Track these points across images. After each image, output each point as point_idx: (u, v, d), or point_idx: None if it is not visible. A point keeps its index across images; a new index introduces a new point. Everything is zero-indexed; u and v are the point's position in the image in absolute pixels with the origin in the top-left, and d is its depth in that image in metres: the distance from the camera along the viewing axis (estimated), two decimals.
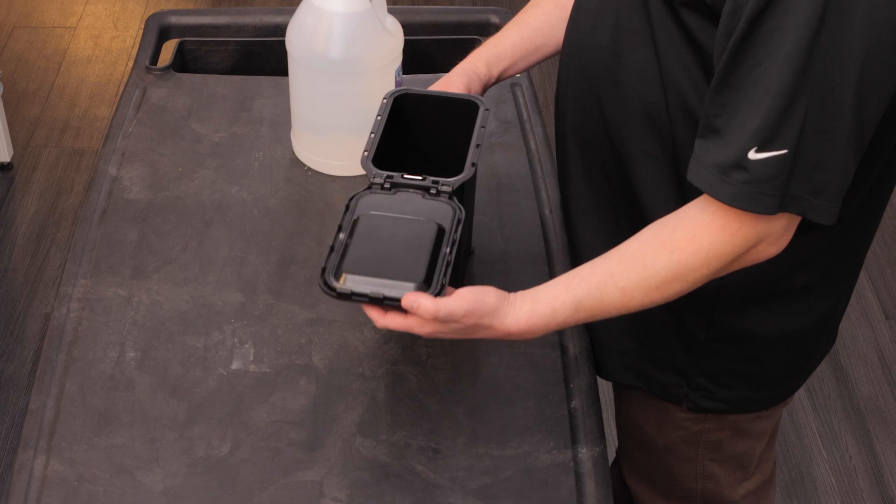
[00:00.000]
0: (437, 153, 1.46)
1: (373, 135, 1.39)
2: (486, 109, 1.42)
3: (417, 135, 1.47)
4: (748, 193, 1.14)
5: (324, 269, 1.23)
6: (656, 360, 1.47)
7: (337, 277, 1.22)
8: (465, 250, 1.49)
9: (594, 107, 1.36)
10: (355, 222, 1.28)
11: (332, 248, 1.25)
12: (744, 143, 1.12)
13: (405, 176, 1.34)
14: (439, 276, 1.23)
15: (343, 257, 1.24)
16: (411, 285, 1.21)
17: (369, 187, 1.34)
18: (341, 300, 1.22)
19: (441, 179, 1.34)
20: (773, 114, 1.11)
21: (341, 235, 1.27)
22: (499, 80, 1.52)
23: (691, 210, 1.20)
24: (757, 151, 1.12)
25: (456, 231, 1.28)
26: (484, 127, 1.40)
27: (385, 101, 1.43)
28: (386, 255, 1.24)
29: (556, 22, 1.50)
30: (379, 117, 1.41)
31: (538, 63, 1.54)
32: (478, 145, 1.38)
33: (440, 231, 1.28)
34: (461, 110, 1.43)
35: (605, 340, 1.50)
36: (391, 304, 1.20)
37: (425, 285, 1.21)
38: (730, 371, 1.44)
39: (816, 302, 1.40)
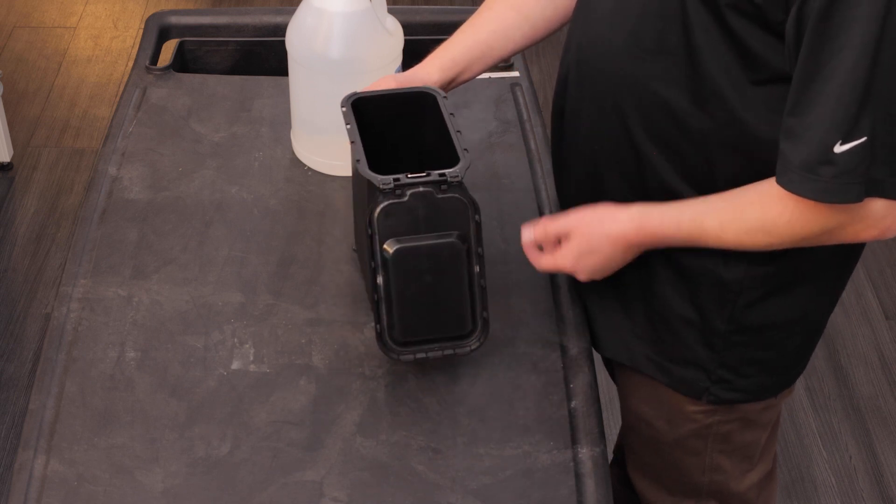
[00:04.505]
0: (412, 149, 1.46)
1: (353, 142, 1.38)
2: (445, 97, 1.42)
3: (378, 135, 1.46)
4: (837, 186, 1.18)
5: (380, 333, 1.36)
6: (676, 357, 1.48)
7: (394, 340, 1.36)
8: None
9: (613, 112, 1.36)
10: (385, 258, 1.34)
11: (377, 301, 1.35)
12: (827, 137, 1.16)
13: (409, 175, 1.33)
14: (480, 311, 1.37)
15: (391, 317, 1.35)
16: (462, 332, 1.38)
17: (378, 195, 1.33)
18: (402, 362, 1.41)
19: (448, 172, 1.33)
20: (852, 105, 1.14)
21: (379, 280, 1.34)
22: (452, 84, 1.52)
23: None
24: (842, 144, 1.16)
25: (478, 241, 1.36)
26: (453, 114, 1.41)
27: (344, 108, 1.42)
28: (429, 303, 1.36)
29: (511, 25, 1.51)
30: (349, 126, 1.40)
31: (493, 66, 1.54)
32: (458, 131, 1.38)
33: (468, 248, 1.36)
34: (421, 104, 1.44)
35: (625, 329, 1.51)
36: (449, 355, 1.38)
37: (473, 327, 1.38)
38: (750, 360, 1.46)
39: (826, 281, 1.44)
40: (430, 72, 1.49)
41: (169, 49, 2.01)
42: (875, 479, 2.47)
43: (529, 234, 1.40)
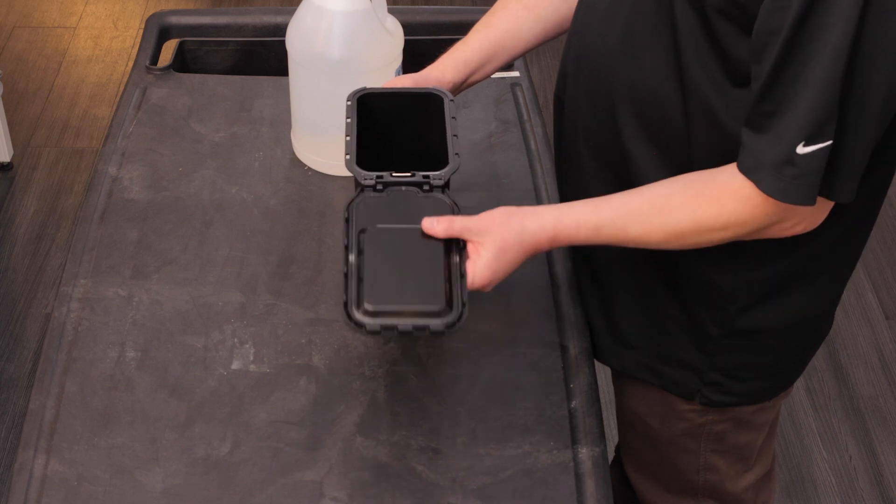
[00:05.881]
0: (404, 149, 1.46)
1: (349, 138, 1.38)
2: (452, 100, 1.42)
3: (383, 132, 1.47)
4: (797, 188, 1.18)
5: (346, 303, 1.25)
6: (669, 358, 1.48)
7: (360, 310, 1.24)
8: None
9: (606, 108, 1.36)
10: (360, 239, 1.29)
11: (346, 275, 1.26)
12: (793, 138, 1.16)
13: (394, 174, 1.34)
14: (460, 296, 1.25)
15: (360, 289, 1.25)
16: (436, 309, 1.23)
17: (361, 190, 1.34)
18: (371, 335, 1.26)
19: (431, 174, 1.34)
20: (821, 108, 1.14)
21: (351, 258, 1.28)
22: (466, 84, 1.52)
23: (723, 174, 1.24)
24: (805, 145, 1.16)
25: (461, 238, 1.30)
26: (455, 118, 1.41)
27: (349, 102, 1.43)
28: (402, 279, 1.26)
29: (523, 24, 1.51)
30: (349, 120, 1.40)
31: (505, 65, 1.54)
32: (454, 135, 1.38)
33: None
34: (427, 104, 1.43)
35: (617, 335, 1.51)
36: (420, 333, 1.23)
37: (448, 307, 1.24)
38: (743, 364, 1.46)
39: (822, 289, 1.43)
40: (443, 71, 1.49)
41: (169, 49, 2.01)
42: (875, 479, 2.47)
43: (430, 225, 1.28)
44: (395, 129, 1.47)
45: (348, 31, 1.62)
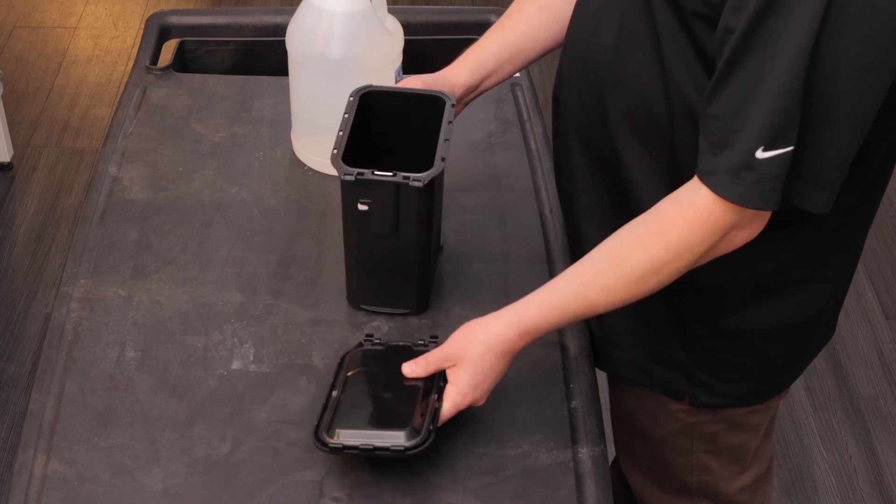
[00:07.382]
0: (409, 150, 1.46)
1: (341, 132, 1.39)
2: (452, 105, 1.42)
3: (387, 132, 1.47)
4: (758, 193, 1.17)
5: (317, 427, 1.28)
6: (658, 358, 1.48)
7: (330, 433, 1.27)
8: (434, 247, 1.49)
9: (596, 105, 1.37)
10: (346, 379, 1.34)
11: (324, 406, 1.31)
12: (752, 142, 1.15)
13: (376, 172, 1.35)
14: (427, 423, 1.27)
15: (335, 413, 1.30)
16: (401, 434, 1.26)
17: (360, 343, 1.39)
18: (334, 454, 1.28)
19: (412, 175, 1.35)
20: (778, 112, 1.13)
21: (334, 393, 1.32)
22: (483, 86, 1.51)
23: (664, 205, 1.24)
24: (764, 150, 1.15)
25: (441, 379, 1.32)
26: (451, 122, 1.41)
27: (352, 98, 1.43)
28: (376, 407, 1.32)
29: (540, 25, 1.51)
30: (346, 115, 1.41)
31: (523, 67, 1.54)
32: (446, 140, 1.39)
33: (428, 379, 1.33)
34: (430, 106, 1.44)
35: (607, 336, 1.51)
36: (382, 453, 1.26)
37: (414, 432, 1.26)
38: (730, 366, 1.45)
39: (813, 294, 1.42)
40: (458, 73, 1.48)
41: (169, 49, 2.01)
42: (875, 479, 2.47)
43: (410, 369, 1.33)
44: (398, 130, 1.47)
45: (348, 32, 1.62)
